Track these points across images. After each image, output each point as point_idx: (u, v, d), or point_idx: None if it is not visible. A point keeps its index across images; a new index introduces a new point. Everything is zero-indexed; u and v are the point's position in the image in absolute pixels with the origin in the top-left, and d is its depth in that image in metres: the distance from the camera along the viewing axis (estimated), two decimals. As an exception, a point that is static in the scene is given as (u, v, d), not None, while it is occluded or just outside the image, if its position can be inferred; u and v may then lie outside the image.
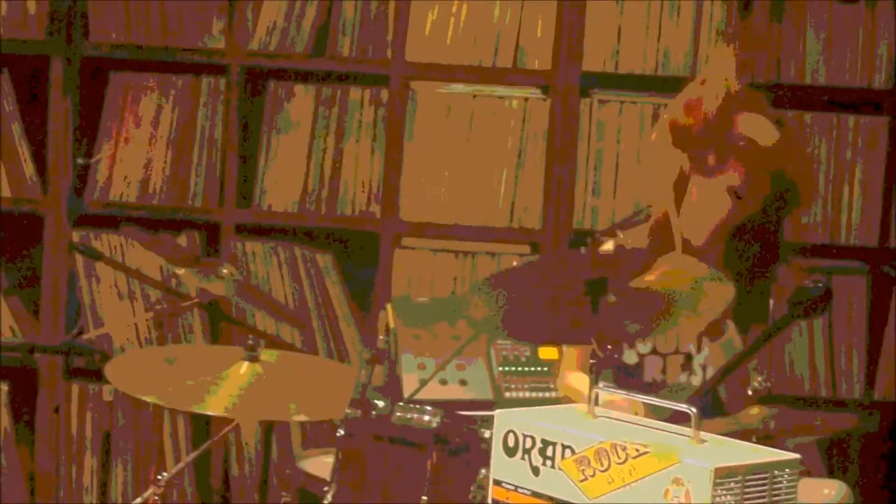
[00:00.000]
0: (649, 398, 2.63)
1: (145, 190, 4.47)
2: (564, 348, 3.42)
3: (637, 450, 2.41)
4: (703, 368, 3.26)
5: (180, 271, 3.75)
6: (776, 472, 2.42)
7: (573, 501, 2.48)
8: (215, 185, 4.47)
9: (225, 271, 3.68)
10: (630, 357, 3.31)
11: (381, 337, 3.66)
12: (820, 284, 3.07)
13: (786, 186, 3.20)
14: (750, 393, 2.82)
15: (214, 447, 4.31)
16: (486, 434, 2.90)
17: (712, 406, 3.13)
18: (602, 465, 2.45)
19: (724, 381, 3.05)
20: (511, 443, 2.58)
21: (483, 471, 2.85)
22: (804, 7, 4.43)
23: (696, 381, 3.26)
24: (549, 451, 2.52)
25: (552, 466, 2.52)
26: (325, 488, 3.12)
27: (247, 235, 4.47)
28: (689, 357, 3.28)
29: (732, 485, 2.35)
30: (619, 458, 2.43)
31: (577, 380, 3.29)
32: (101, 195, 4.47)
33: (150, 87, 4.46)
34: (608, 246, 3.25)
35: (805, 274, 3.33)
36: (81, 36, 4.42)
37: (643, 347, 3.27)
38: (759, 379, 2.82)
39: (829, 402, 4.44)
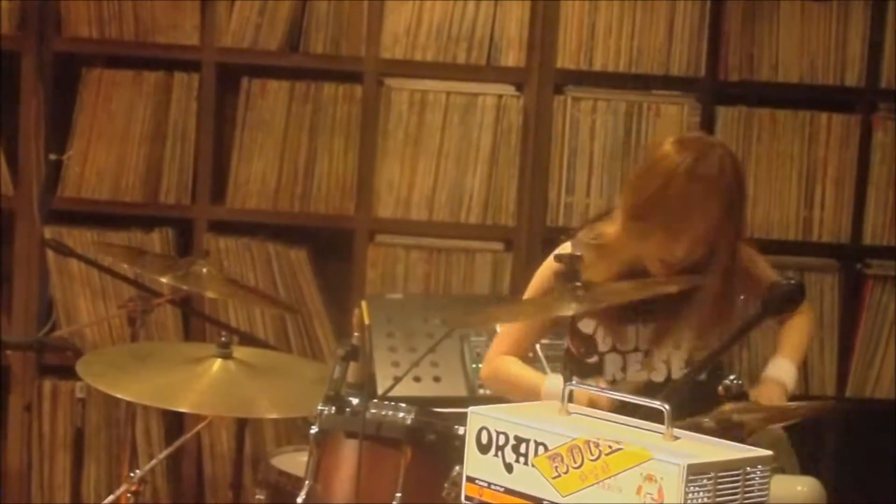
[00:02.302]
0: (622, 394, 2.63)
1: (118, 186, 4.45)
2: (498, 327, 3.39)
3: (610, 446, 2.41)
4: (666, 364, 3.25)
5: (163, 279, 3.72)
6: (749, 468, 2.42)
7: (546, 498, 2.49)
8: (188, 182, 4.46)
9: (204, 271, 3.66)
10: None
11: (355, 334, 3.65)
12: (792, 281, 3.08)
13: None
14: (721, 391, 2.82)
15: (187, 445, 4.30)
16: (460, 431, 2.91)
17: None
18: (575, 461, 2.45)
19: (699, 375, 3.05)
20: (484, 440, 2.58)
21: (457, 468, 2.85)
22: (777, 5, 4.45)
23: (658, 377, 3.25)
24: (523, 448, 2.52)
25: (525, 463, 2.52)
26: (299, 486, 3.12)
27: (220, 232, 4.46)
28: (648, 354, 3.27)
29: (705, 481, 2.36)
30: (592, 454, 2.43)
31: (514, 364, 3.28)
32: (74, 191, 4.45)
33: (122, 83, 4.44)
34: (566, 247, 3.25)
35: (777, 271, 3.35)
36: (54, 32, 4.40)
37: (603, 345, 3.25)
38: (731, 377, 2.82)
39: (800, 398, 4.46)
